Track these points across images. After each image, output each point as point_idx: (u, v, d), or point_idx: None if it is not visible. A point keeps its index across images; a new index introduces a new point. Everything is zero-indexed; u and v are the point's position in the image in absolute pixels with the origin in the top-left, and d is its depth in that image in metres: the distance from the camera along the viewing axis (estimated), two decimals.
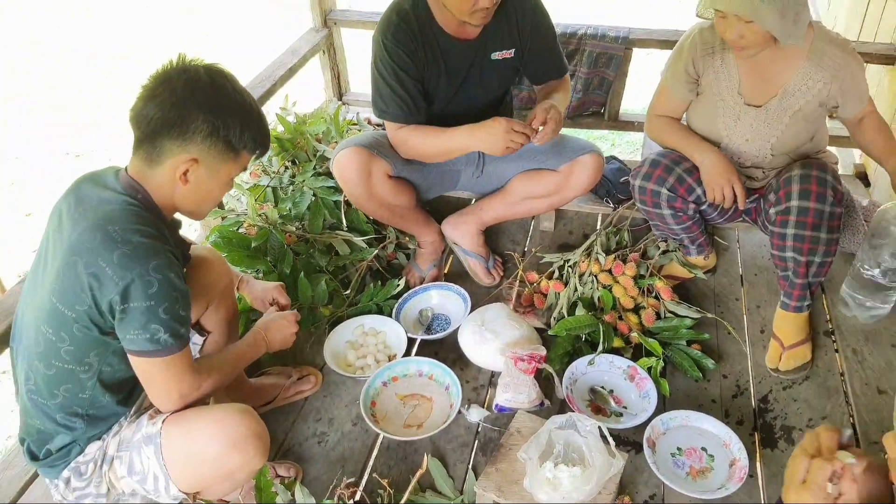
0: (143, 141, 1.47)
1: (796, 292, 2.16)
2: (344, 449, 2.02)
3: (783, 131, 2.13)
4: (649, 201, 2.27)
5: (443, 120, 2.31)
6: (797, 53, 2.04)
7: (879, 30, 3.20)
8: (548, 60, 2.38)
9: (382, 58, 2.19)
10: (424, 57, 2.21)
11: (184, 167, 1.48)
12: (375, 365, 2.21)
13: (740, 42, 1.95)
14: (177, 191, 1.52)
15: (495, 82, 2.37)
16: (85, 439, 1.58)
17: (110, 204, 1.46)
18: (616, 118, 3.31)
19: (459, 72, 2.27)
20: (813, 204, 2.03)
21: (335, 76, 3.55)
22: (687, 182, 2.22)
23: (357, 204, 2.39)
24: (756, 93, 2.13)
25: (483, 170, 2.54)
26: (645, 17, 6.59)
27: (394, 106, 2.23)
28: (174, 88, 1.44)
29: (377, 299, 2.45)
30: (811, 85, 2.06)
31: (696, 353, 2.22)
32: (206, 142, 1.47)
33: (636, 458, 1.94)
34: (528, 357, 2.05)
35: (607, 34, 3.08)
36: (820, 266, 2.11)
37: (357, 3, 5.87)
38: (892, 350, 2.27)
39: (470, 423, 2.06)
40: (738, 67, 2.13)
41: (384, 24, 2.18)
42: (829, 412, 2.09)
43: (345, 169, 2.26)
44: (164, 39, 6.73)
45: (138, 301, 1.39)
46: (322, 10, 3.34)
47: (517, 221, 2.88)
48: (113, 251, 1.39)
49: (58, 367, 1.49)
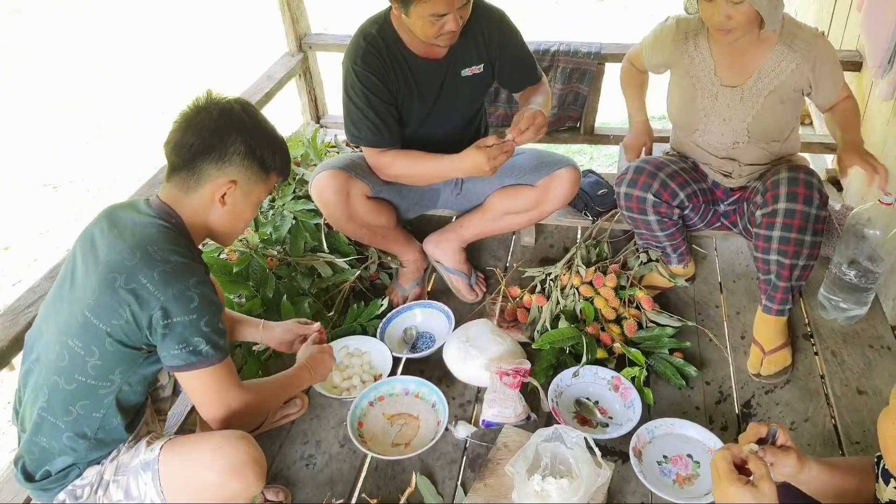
0: (181, 168, 1.57)
1: (779, 295, 2.18)
2: (332, 471, 2.02)
3: (759, 111, 2.17)
4: (635, 208, 2.30)
5: (418, 140, 2.34)
6: (770, 38, 2.10)
7: (845, 37, 3.27)
8: (521, 69, 2.40)
9: (353, 83, 2.21)
10: (395, 80, 2.22)
11: (223, 189, 1.57)
12: (361, 385, 2.22)
13: (728, 24, 1.98)
14: (213, 214, 1.62)
15: (468, 98, 2.39)
16: (85, 463, 1.58)
17: (146, 227, 1.54)
18: (591, 132, 3.35)
19: (431, 91, 2.29)
20: (800, 206, 2.05)
21: (312, 99, 3.58)
22: (671, 187, 2.26)
23: (337, 226, 2.41)
24: (732, 74, 2.18)
25: (462, 187, 2.56)
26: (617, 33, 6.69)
27: (366, 131, 2.24)
28: (211, 116, 1.55)
29: (361, 320, 2.45)
30: (784, 66, 2.10)
31: (679, 361, 2.25)
32: (244, 163, 1.58)
33: (623, 468, 1.95)
34: (512, 371, 2.06)
35: (580, 50, 3.13)
36: (803, 269, 2.14)
37: (332, 26, 5.92)
38: (870, 351, 2.31)
39: (457, 439, 2.07)
40: (711, 52, 2.19)
41: (353, 50, 2.20)
42: (810, 414, 2.11)
43: (322, 191, 2.28)
44: (141, 68, 6.74)
45: (181, 315, 1.46)
46: (297, 34, 3.37)
47: (498, 237, 2.90)
48: (153, 269, 1.46)
49: (80, 382, 1.51)
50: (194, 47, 7.12)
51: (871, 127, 2.77)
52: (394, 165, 2.30)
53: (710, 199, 2.37)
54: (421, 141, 2.34)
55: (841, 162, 2.10)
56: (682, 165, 2.34)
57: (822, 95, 2.17)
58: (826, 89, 2.15)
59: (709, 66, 2.20)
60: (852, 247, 2.25)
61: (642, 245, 2.51)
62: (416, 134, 2.36)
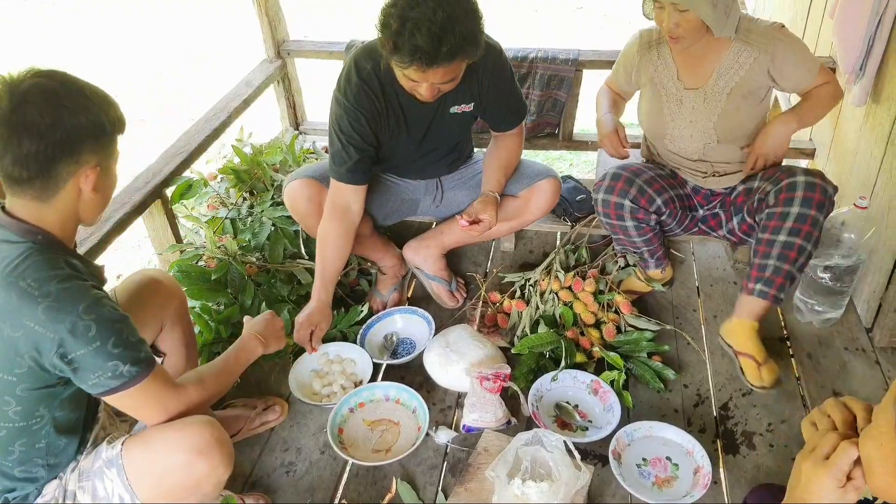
0: (33, 179, 1.37)
1: (779, 279, 2.12)
2: (313, 478, 2.01)
3: (723, 109, 2.20)
4: (613, 214, 2.31)
5: (401, 167, 2.38)
6: (727, 39, 2.15)
7: (819, 44, 3.32)
8: (505, 113, 2.34)
9: (339, 117, 2.15)
10: (386, 117, 2.18)
11: (90, 179, 1.41)
12: (341, 392, 2.21)
13: (676, 31, 2.05)
14: (84, 206, 1.46)
15: (455, 133, 2.37)
16: (44, 482, 1.55)
17: (12, 258, 1.37)
18: (570, 138, 3.37)
19: (420, 127, 2.26)
20: (813, 212, 2.07)
21: (291, 106, 3.57)
22: (647, 193, 2.27)
23: (312, 233, 2.40)
24: (693, 77, 2.23)
25: (443, 198, 2.56)
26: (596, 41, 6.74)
27: (344, 165, 2.19)
28: (38, 112, 1.33)
29: (341, 326, 2.45)
30: (742, 62, 2.14)
31: (658, 364, 2.26)
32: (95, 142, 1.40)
33: (603, 471, 1.96)
34: (493, 376, 2.07)
35: (558, 57, 3.15)
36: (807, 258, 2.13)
37: (305, 26, 5.92)
38: (845, 353, 2.34)
39: (438, 444, 2.07)
40: (673, 58, 2.26)
41: (345, 84, 2.13)
42: (787, 416, 2.14)
43: (295, 200, 2.28)
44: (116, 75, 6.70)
45: (83, 348, 1.35)
46: (275, 40, 3.36)
47: (478, 243, 2.91)
48: (36, 307, 1.32)
49: (8, 428, 1.44)
50: (171, 54, 7.09)
51: (844, 134, 2.81)
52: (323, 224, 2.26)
53: (687, 205, 2.40)
54: (404, 167, 2.39)
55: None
56: (660, 172, 2.36)
57: (789, 82, 2.19)
58: (792, 76, 2.16)
59: (672, 72, 2.26)
60: (828, 250, 2.28)
61: (620, 250, 2.52)
62: (402, 162, 2.38)
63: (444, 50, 1.81)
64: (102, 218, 1.61)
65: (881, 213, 2.29)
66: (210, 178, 2.77)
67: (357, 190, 2.24)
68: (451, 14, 1.80)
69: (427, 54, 1.81)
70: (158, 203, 2.54)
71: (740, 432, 2.10)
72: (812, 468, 1.05)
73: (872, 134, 2.43)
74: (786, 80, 2.17)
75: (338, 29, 5.83)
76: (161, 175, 2.54)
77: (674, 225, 2.40)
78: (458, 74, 1.97)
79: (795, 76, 2.16)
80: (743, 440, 2.07)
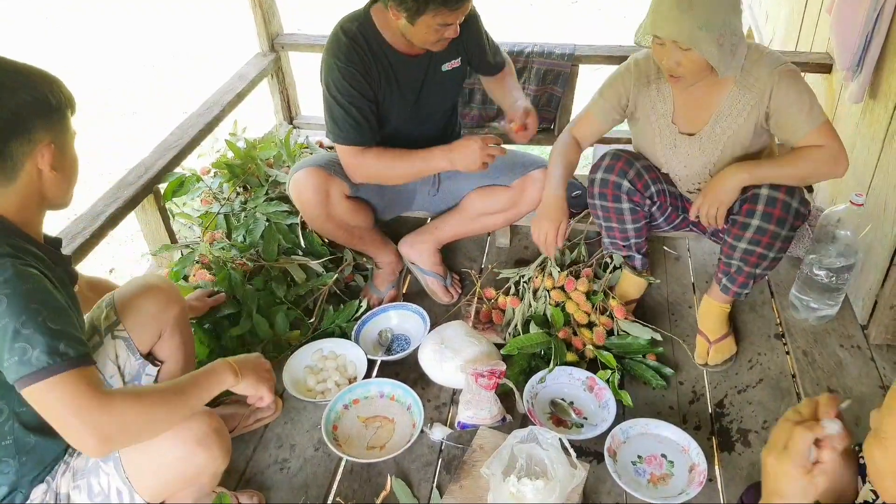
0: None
1: (741, 279, 2.16)
2: (307, 475, 2.00)
3: (719, 157, 2.12)
4: (610, 194, 2.23)
5: (397, 138, 2.32)
6: (729, 79, 2.02)
7: (815, 39, 3.31)
8: (489, 49, 2.43)
9: (335, 79, 2.16)
10: (377, 76, 2.20)
11: (47, 157, 1.37)
12: (336, 388, 2.20)
13: (677, 70, 1.92)
14: (46, 187, 1.41)
15: (448, 93, 2.41)
16: (26, 483, 1.51)
17: None
18: None
19: (413, 87, 2.28)
20: (773, 227, 2.02)
21: (285, 100, 3.55)
22: (645, 178, 2.22)
23: (314, 225, 2.38)
24: (690, 121, 2.13)
25: (439, 188, 2.55)
26: (592, 34, 6.73)
27: (348, 128, 2.20)
28: None
29: (339, 321, 2.43)
30: (740, 108, 2.02)
31: (654, 363, 2.25)
32: (45, 120, 1.36)
33: (598, 469, 1.96)
34: (488, 373, 2.06)
35: (554, 52, 3.13)
36: (772, 260, 2.12)
37: (305, 26, 5.89)
38: (840, 350, 2.34)
39: (433, 441, 2.06)
40: (672, 96, 2.13)
41: (334, 46, 2.17)
42: (782, 413, 2.09)
43: (302, 190, 2.25)
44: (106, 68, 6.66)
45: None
46: (269, 34, 3.34)
47: (473, 239, 2.90)
48: None
49: None
50: (163, 48, 7.05)
51: (840, 130, 2.78)
52: (373, 165, 2.25)
53: (678, 205, 2.35)
54: (400, 139, 2.33)
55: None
56: (655, 166, 2.34)
57: (783, 133, 2.01)
58: (786, 126, 1.98)
59: (668, 112, 2.14)
60: (823, 247, 2.28)
61: (608, 245, 2.45)
62: (397, 132, 2.35)
63: None
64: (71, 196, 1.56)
65: (877, 210, 2.28)
66: (203, 173, 2.75)
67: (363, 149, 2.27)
68: None
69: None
70: (151, 198, 2.52)
71: (735, 429, 2.09)
72: (776, 461, 1.06)
73: (869, 130, 2.42)
74: (780, 129, 2.01)
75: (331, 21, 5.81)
76: (154, 170, 2.53)
77: (662, 221, 2.37)
78: None
79: (789, 127, 1.97)
80: (738, 437, 2.07)
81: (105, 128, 5.56)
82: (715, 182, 2.06)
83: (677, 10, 1.80)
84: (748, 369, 2.29)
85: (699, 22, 1.79)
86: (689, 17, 1.79)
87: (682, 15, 1.80)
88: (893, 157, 2.22)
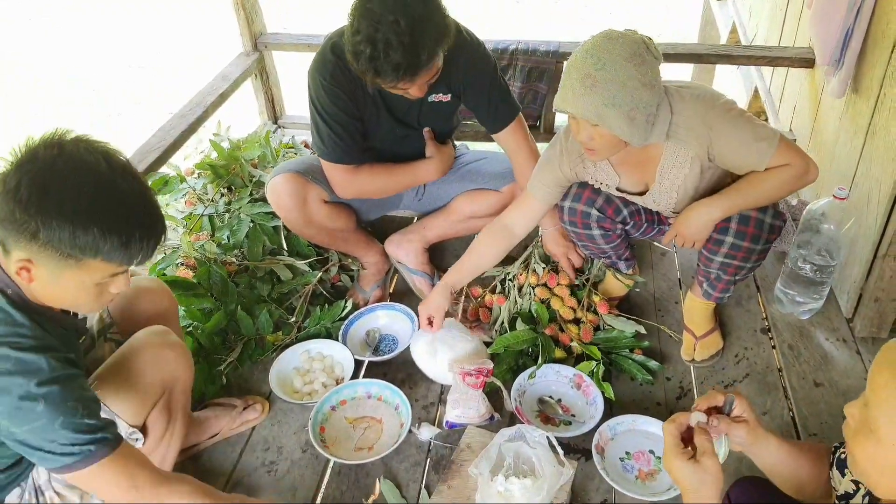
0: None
1: (721, 285, 2.16)
2: (294, 477, 1.99)
3: (678, 201, 2.03)
4: (579, 223, 2.21)
5: (381, 155, 2.33)
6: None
7: (798, 35, 3.33)
8: (486, 108, 2.28)
9: (320, 98, 2.15)
10: (363, 96, 2.18)
11: (19, 265, 1.28)
12: (323, 390, 2.19)
13: (590, 144, 1.83)
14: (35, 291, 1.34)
15: (434, 121, 2.35)
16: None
17: None
18: (551, 130, 3.36)
19: (398, 110, 2.25)
20: (747, 243, 1.99)
21: (269, 100, 3.53)
22: (615, 203, 2.16)
23: (295, 230, 2.38)
24: (635, 183, 2.07)
25: (424, 192, 2.55)
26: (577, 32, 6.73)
27: (333, 146, 2.19)
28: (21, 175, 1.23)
29: (325, 321, 2.42)
30: (682, 161, 1.92)
31: (641, 357, 2.26)
32: (32, 244, 1.25)
33: (586, 465, 1.96)
34: (475, 371, 2.05)
35: (538, 49, 3.13)
36: (740, 281, 2.16)
37: (289, 25, 5.87)
38: (826, 343, 2.35)
39: (421, 441, 2.05)
40: (611, 165, 2.05)
41: (321, 63, 2.13)
42: (769, 407, 2.14)
43: (279, 196, 2.25)
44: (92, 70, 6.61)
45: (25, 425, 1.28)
46: (252, 33, 3.32)
47: (461, 237, 2.89)
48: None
49: None
50: (148, 48, 7.01)
51: (823, 125, 2.82)
52: (360, 183, 2.27)
53: (654, 220, 2.28)
54: (385, 156, 2.34)
55: None
56: None
57: (743, 171, 1.91)
58: (737, 163, 1.88)
59: (612, 182, 2.08)
60: (808, 241, 2.29)
61: (588, 254, 2.48)
62: (381, 150, 2.34)
63: (424, 56, 1.83)
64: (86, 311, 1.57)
65: (861, 203, 2.29)
66: (187, 174, 2.74)
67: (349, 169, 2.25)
68: (413, 17, 1.80)
69: (409, 66, 1.84)
70: None
71: None
72: (666, 463, 1.20)
73: (852, 124, 2.44)
74: (738, 168, 1.91)
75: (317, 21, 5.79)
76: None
77: (638, 235, 2.33)
78: (440, 63, 1.97)
79: (746, 165, 1.87)
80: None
81: (91, 128, 5.53)
82: (686, 220, 2.00)
83: (581, 88, 1.71)
84: (735, 364, 2.30)
85: (604, 99, 1.70)
86: (595, 95, 1.70)
87: (587, 92, 1.70)
88: (876, 150, 2.23)
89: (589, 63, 1.70)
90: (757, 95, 4.03)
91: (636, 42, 1.73)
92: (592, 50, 1.71)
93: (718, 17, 5.20)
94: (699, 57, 3.20)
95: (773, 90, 3.72)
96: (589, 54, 1.71)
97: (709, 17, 5.58)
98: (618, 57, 1.69)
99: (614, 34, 1.74)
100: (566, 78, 1.76)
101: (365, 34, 1.81)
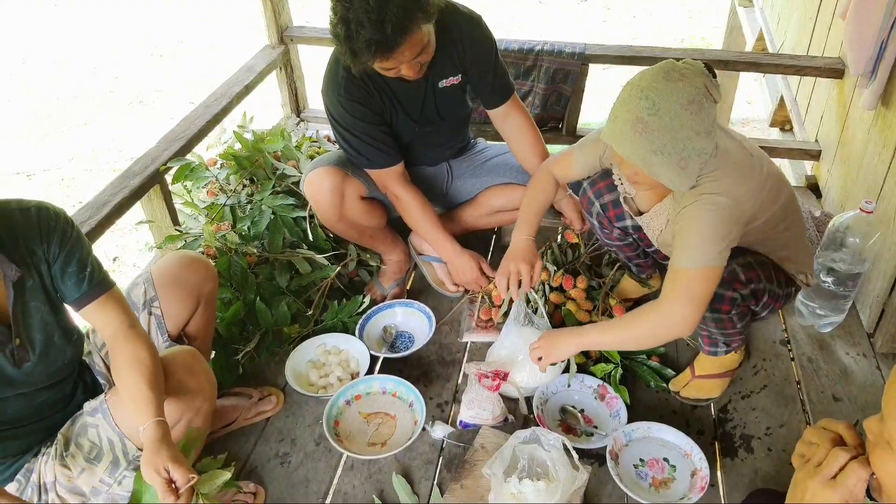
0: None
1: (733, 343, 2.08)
2: (307, 469, 1.99)
3: (663, 237, 2.02)
4: (585, 203, 2.23)
5: (411, 152, 2.37)
6: None
7: (827, 44, 3.29)
8: (491, 82, 2.30)
9: (342, 116, 2.17)
10: (380, 101, 2.19)
11: None
12: (338, 384, 2.19)
13: (635, 178, 1.77)
14: None
15: (451, 108, 2.35)
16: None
17: None
18: (574, 133, 3.35)
19: (415, 106, 2.26)
20: (723, 316, 1.93)
21: (293, 93, 3.54)
22: (621, 208, 2.12)
23: (328, 224, 2.37)
24: (645, 202, 2.03)
25: (451, 185, 2.58)
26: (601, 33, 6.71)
27: (373, 153, 2.22)
28: None
29: (342, 316, 2.42)
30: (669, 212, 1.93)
31: (656, 364, 2.24)
32: None
33: (600, 471, 1.95)
34: (492, 374, 2.05)
35: (564, 50, 3.12)
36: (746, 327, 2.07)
37: (313, 18, 5.87)
38: (846, 357, 2.33)
39: (434, 439, 2.05)
40: None
41: (333, 82, 2.15)
42: (786, 420, 2.12)
43: (317, 190, 2.25)
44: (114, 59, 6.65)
45: None
46: (278, 26, 3.33)
47: (479, 235, 2.88)
48: None
49: None
50: (172, 39, 7.04)
51: (851, 136, 2.79)
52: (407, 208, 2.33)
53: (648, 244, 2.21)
54: (412, 147, 2.37)
55: None
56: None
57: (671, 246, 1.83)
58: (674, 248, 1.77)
59: (631, 190, 2.04)
60: (831, 254, 2.26)
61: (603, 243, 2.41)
62: (412, 143, 2.36)
63: (390, 30, 1.82)
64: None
65: (887, 217, 2.27)
66: (210, 164, 2.74)
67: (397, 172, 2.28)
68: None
69: (380, 42, 1.83)
70: (157, 188, 2.52)
71: (739, 435, 2.08)
72: (820, 488, 1.05)
73: (881, 137, 2.41)
74: (670, 241, 1.84)
75: None
76: (160, 160, 2.52)
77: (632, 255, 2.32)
78: (427, 41, 1.96)
79: (675, 250, 1.75)
80: (741, 443, 2.06)
81: (113, 116, 5.57)
82: (552, 340, 1.94)
83: (632, 132, 1.60)
84: (752, 375, 2.28)
85: (654, 146, 1.59)
86: (644, 141, 1.59)
87: (637, 137, 1.60)
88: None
89: (642, 106, 1.58)
90: (782, 104, 4.00)
91: (696, 87, 1.59)
92: (648, 91, 1.59)
93: (745, 23, 5.15)
94: (726, 63, 3.17)
95: (800, 99, 3.69)
96: (644, 95, 1.59)
97: (734, 23, 5.53)
98: (674, 104, 1.57)
99: (674, 74, 1.60)
100: (617, 114, 1.65)
101: (340, 16, 1.84)
